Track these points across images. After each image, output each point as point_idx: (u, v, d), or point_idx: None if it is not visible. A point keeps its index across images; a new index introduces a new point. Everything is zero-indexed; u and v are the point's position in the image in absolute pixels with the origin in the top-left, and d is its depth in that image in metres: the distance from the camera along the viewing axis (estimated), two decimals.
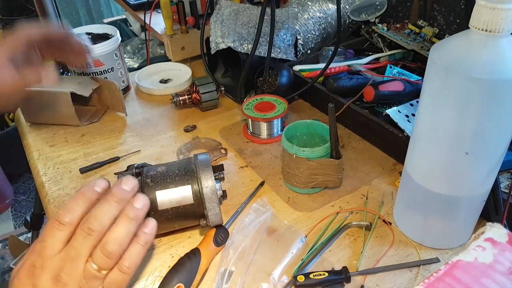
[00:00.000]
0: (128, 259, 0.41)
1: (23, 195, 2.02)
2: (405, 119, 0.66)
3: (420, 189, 0.49)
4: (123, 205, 0.43)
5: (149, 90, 0.90)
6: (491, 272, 0.30)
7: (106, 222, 0.41)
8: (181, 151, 0.72)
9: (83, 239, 0.40)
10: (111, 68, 0.85)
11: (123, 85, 0.89)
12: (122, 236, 0.41)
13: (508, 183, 0.58)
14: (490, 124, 0.41)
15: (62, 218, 0.41)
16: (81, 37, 0.86)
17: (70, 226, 0.41)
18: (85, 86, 0.77)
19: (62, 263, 0.40)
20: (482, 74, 0.38)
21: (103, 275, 0.41)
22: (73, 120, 0.78)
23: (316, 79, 0.78)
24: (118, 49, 0.85)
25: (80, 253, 0.40)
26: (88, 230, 0.40)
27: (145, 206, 0.44)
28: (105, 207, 0.42)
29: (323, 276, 0.48)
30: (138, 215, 0.43)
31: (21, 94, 0.61)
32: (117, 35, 0.86)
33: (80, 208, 0.42)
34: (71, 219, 0.41)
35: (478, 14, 0.39)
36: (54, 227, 0.41)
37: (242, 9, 0.86)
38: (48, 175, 0.69)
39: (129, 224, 0.42)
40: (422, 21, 0.85)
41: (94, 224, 0.40)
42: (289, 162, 0.60)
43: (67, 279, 0.40)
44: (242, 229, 0.55)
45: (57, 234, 0.41)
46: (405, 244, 0.54)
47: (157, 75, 0.97)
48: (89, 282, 0.40)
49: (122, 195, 0.43)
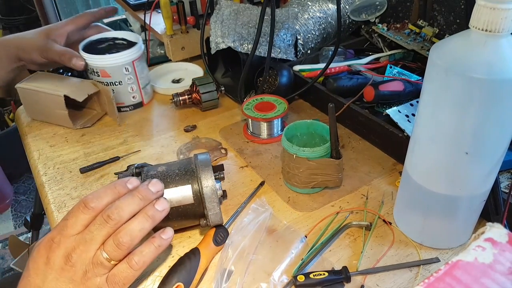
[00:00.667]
0: (139, 255, 0.43)
1: (23, 195, 2.02)
2: (405, 119, 0.66)
3: (420, 189, 0.49)
4: (145, 203, 0.45)
5: (165, 90, 0.89)
6: (491, 272, 0.30)
7: (126, 214, 0.43)
8: (181, 151, 0.72)
9: (100, 225, 0.43)
10: (119, 81, 0.80)
11: (133, 101, 0.84)
12: (135, 230, 0.43)
13: (508, 183, 0.58)
14: (490, 124, 0.41)
15: (88, 202, 0.44)
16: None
17: (94, 212, 0.43)
18: (82, 90, 0.76)
19: (76, 244, 0.42)
20: (482, 74, 0.38)
21: (110, 265, 0.43)
22: (66, 123, 0.78)
23: (316, 79, 0.78)
24: (131, 64, 0.79)
25: (95, 238, 0.42)
26: (107, 217, 0.43)
27: (165, 210, 0.46)
28: (128, 200, 0.44)
29: (323, 276, 0.48)
30: (156, 216, 0.45)
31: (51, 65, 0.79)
32: (130, 50, 0.79)
33: (107, 197, 0.45)
34: (96, 205, 0.44)
35: (478, 14, 0.39)
36: (80, 209, 0.44)
37: (242, 9, 0.86)
38: (48, 175, 0.69)
39: (145, 221, 0.44)
40: (422, 21, 0.85)
41: (114, 213, 0.43)
42: (289, 162, 0.60)
43: (76, 260, 0.42)
44: (241, 229, 0.55)
45: (80, 216, 0.43)
46: (405, 244, 0.54)
47: (169, 75, 0.96)
48: (94, 268, 0.42)
49: (147, 194, 0.45)
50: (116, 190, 0.45)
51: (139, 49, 0.81)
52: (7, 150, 1.80)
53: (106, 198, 0.44)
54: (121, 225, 0.43)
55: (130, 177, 0.48)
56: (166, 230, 0.46)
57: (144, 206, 0.45)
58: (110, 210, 0.43)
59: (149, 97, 0.87)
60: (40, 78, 0.80)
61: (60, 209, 0.62)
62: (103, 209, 0.44)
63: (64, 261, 0.42)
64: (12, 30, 1.87)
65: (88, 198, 0.44)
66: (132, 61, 0.80)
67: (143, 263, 0.43)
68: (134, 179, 0.47)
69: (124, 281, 0.43)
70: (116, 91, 0.81)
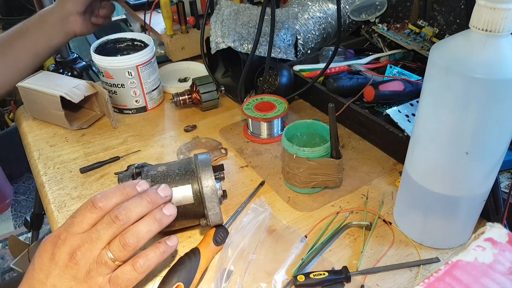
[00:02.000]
0: (144, 258, 0.43)
1: (23, 195, 2.02)
2: (405, 119, 0.66)
3: (420, 189, 0.49)
4: (153, 207, 0.45)
5: (176, 89, 0.88)
6: (491, 272, 0.30)
7: (133, 215, 0.44)
8: (181, 151, 0.72)
9: (107, 225, 0.43)
10: (121, 84, 0.79)
11: (136, 105, 0.82)
12: (142, 232, 0.43)
13: (508, 183, 0.58)
14: (490, 124, 0.41)
15: (97, 202, 0.44)
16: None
17: (102, 212, 0.44)
18: (79, 91, 0.76)
19: (82, 242, 0.42)
20: (482, 74, 0.38)
21: (114, 265, 0.43)
22: (63, 123, 0.78)
23: (316, 79, 0.78)
24: (135, 68, 0.78)
25: (101, 237, 0.42)
26: (114, 218, 0.43)
27: (172, 215, 0.47)
28: (137, 202, 0.44)
29: (323, 276, 0.48)
30: (163, 220, 0.45)
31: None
32: (135, 55, 0.77)
33: (116, 198, 0.45)
34: (104, 205, 0.44)
35: (478, 14, 0.39)
36: (87, 208, 0.44)
37: (242, 9, 0.86)
38: (48, 175, 0.69)
39: (152, 224, 0.44)
40: (422, 21, 0.85)
41: (121, 213, 0.43)
42: (289, 162, 0.60)
43: (80, 257, 0.42)
44: (241, 229, 0.55)
45: (88, 215, 0.44)
46: (405, 244, 0.54)
47: (174, 75, 0.96)
48: (98, 267, 0.42)
49: (155, 198, 0.46)
50: (125, 192, 0.46)
51: (145, 54, 0.79)
52: (7, 150, 1.81)
53: (115, 199, 0.45)
54: (128, 226, 0.43)
55: (139, 179, 0.48)
56: (171, 237, 0.46)
57: (152, 209, 0.45)
58: (118, 210, 0.43)
59: (155, 102, 0.85)
60: (41, 77, 0.80)
61: (60, 209, 0.62)
62: (111, 210, 0.44)
63: (69, 258, 0.42)
64: None
65: (96, 197, 0.44)
66: (136, 65, 0.78)
67: (148, 266, 0.43)
68: (143, 182, 0.48)
69: (127, 283, 0.43)
70: (118, 93, 0.81)
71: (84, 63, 1.27)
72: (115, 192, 0.45)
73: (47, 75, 0.81)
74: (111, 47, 0.85)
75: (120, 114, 0.83)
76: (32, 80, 0.78)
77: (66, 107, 0.76)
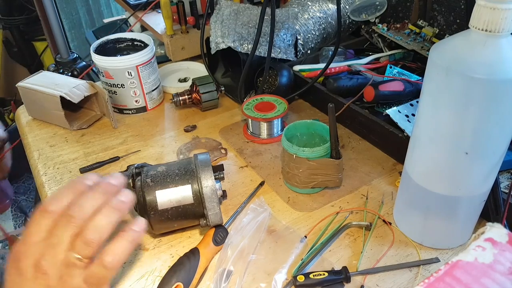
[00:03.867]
0: (111, 254, 0.41)
1: (23, 195, 2.02)
2: (405, 119, 0.66)
3: (420, 189, 0.49)
4: (107, 197, 0.43)
5: (175, 89, 0.88)
6: (491, 272, 0.30)
7: (88, 210, 0.41)
8: (181, 151, 0.72)
9: (65, 226, 0.40)
10: (121, 84, 0.79)
11: (136, 105, 0.82)
12: (102, 224, 0.41)
13: (508, 183, 0.58)
14: (490, 124, 0.41)
15: (47, 206, 0.41)
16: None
17: (55, 215, 0.41)
18: (79, 91, 0.76)
19: (44, 250, 0.40)
20: (482, 74, 0.38)
21: (83, 264, 0.40)
22: (63, 123, 0.78)
23: (316, 79, 0.78)
24: (135, 68, 0.78)
25: (61, 240, 0.40)
26: (69, 217, 0.40)
27: (129, 200, 0.44)
28: (88, 196, 0.42)
29: (323, 276, 0.48)
30: (121, 207, 0.42)
31: None
32: (134, 55, 0.77)
33: (66, 198, 0.42)
34: (56, 208, 0.41)
35: (478, 14, 0.39)
36: (40, 214, 0.41)
37: (242, 9, 0.86)
38: (48, 175, 0.69)
39: (111, 213, 0.42)
40: (422, 21, 0.85)
41: (75, 211, 0.41)
42: (289, 162, 0.60)
43: (47, 266, 0.40)
44: (240, 229, 0.55)
45: (42, 222, 0.41)
46: (405, 244, 0.54)
47: (174, 75, 0.96)
48: (69, 271, 0.40)
49: (108, 187, 0.43)
50: (75, 189, 0.43)
51: (145, 54, 0.78)
52: None
53: (66, 199, 0.42)
54: (86, 222, 0.41)
55: (89, 173, 0.45)
56: (137, 220, 0.43)
57: (107, 200, 0.42)
58: (71, 209, 0.41)
59: (155, 102, 0.85)
60: (41, 77, 0.80)
61: None
62: (65, 210, 0.41)
63: (35, 269, 0.40)
64: (12, 30, 1.87)
65: (46, 202, 0.42)
66: (136, 65, 0.78)
67: (118, 261, 0.41)
68: (92, 174, 0.45)
69: (102, 281, 0.41)
70: (118, 93, 0.81)
71: (84, 63, 1.27)
72: (64, 192, 0.43)
73: (47, 75, 0.81)
74: (111, 47, 0.85)
75: (120, 114, 0.83)
76: (32, 80, 0.78)
77: (66, 107, 0.76)
